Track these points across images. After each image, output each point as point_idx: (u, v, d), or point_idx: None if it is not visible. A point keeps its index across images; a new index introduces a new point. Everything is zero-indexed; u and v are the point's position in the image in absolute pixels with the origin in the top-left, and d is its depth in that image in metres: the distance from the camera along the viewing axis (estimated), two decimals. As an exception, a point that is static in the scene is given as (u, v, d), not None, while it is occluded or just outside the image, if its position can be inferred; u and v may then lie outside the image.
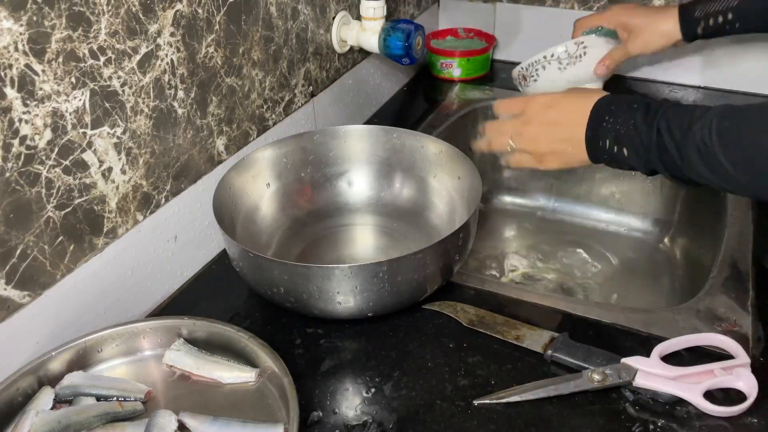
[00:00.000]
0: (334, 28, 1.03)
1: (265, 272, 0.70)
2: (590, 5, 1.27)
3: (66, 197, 0.64)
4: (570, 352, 0.67)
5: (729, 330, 0.71)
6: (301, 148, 0.89)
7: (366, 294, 0.68)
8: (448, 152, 0.86)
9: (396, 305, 0.72)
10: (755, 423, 0.61)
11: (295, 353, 0.70)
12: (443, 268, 0.73)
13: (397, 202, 0.92)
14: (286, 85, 0.95)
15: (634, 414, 0.63)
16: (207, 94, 0.80)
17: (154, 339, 0.68)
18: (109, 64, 0.66)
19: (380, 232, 0.90)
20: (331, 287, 0.67)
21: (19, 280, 0.61)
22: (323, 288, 0.67)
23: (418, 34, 1.02)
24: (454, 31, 1.39)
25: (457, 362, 0.69)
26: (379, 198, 0.92)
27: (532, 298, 0.77)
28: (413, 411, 0.64)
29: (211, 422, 0.60)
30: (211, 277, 0.83)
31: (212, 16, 0.78)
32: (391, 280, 0.68)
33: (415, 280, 0.70)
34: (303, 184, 0.90)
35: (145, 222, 0.74)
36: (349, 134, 0.91)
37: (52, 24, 0.59)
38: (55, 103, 0.61)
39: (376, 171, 0.92)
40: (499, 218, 1.25)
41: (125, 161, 0.70)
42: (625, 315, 0.74)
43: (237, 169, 0.82)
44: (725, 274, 0.79)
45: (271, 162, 0.87)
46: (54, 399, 0.61)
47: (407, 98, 1.29)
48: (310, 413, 0.64)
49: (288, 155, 0.88)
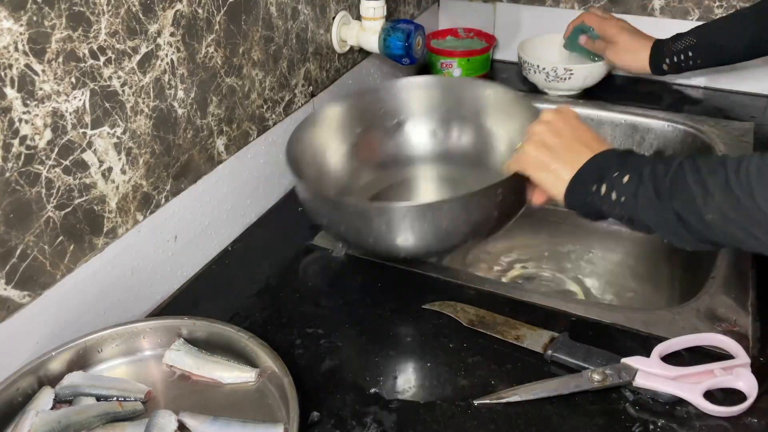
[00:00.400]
0: (334, 28, 1.03)
1: (336, 213, 0.74)
2: (590, 5, 1.27)
3: (66, 197, 0.64)
4: (570, 352, 0.67)
5: (729, 330, 0.71)
6: (363, 102, 0.92)
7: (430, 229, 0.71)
8: (504, 95, 0.88)
9: (452, 243, 0.74)
10: (755, 423, 0.61)
11: (295, 353, 0.70)
12: (500, 211, 0.73)
13: (458, 149, 0.94)
14: (286, 85, 0.95)
15: (634, 414, 0.63)
16: (207, 94, 0.80)
17: (154, 339, 0.68)
18: (109, 64, 0.66)
19: (443, 180, 0.94)
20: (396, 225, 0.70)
21: (19, 280, 0.61)
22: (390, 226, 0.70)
23: (418, 34, 1.02)
24: (454, 31, 1.39)
25: (457, 362, 0.69)
26: (440, 146, 0.95)
27: (533, 298, 0.77)
28: (413, 411, 0.64)
29: (211, 422, 0.60)
30: (211, 277, 0.83)
31: (212, 16, 0.78)
32: (449, 218, 0.70)
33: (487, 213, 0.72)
34: (367, 137, 0.93)
35: (145, 222, 0.74)
36: (409, 86, 0.93)
37: (52, 24, 0.59)
38: (55, 103, 0.61)
39: (436, 120, 0.95)
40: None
41: (125, 161, 0.70)
42: (625, 315, 0.74)
43: (305, 125, 0.85)
44: (725, 274, 0.79)
45: (336, 118, 0.90)
46: (54, 399, 0.61)
47: (407, 98, 1.29)
48: (310, 413, 0.64)
49: (351, 110, 0.91)
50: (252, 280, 0.81)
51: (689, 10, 1.20)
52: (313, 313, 0.75)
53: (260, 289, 0.80)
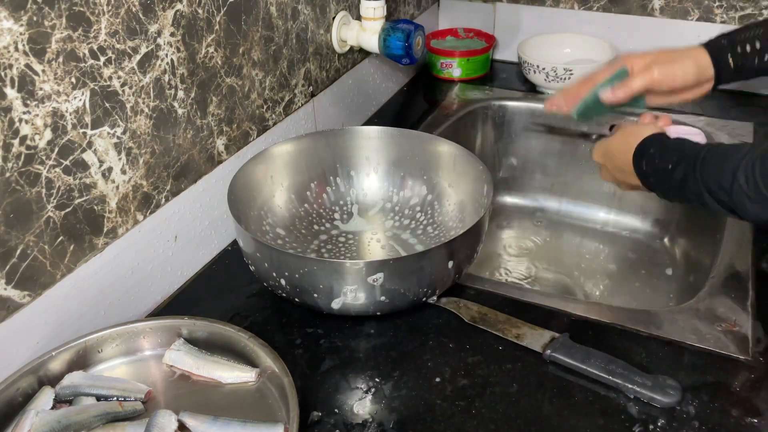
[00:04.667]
0: (334, 28, 1.03)
1: (276, 264, 0.70)
2: (590, 5, 1.27)
3: (66, 197, 0.64)
4: (569, 352, 0.67)
5: (729, 330, 0.71)
6: (315, 146, 0.89)
7: (372, 292, 0.68)
8: (460, 154, 0.86)
9: (403, 304, 0.72)
10: (755, 423, 0.61)
11: (295, 353, 0.70)
12: (453, 269, 0.73)
13: (408, 203, 0.92)
14: (286, 85, 0.95)
15: (634, 414, 0.63)
16: (207, 94, 0.80)
17: (154, 339, 0.68)
18: (109, 64, 0.66)
19: (390, 234, 0.90)
20: (340, 283, 0.68)
21: (19, 280, 0.61)
22: (331, 284, 0.68)
23: (418, 34, 1.02)
24: (454, 31, 1.39)
25: (457, 362, 0.69)
26: (390, 197, 0.92)
27: (534, 298, 0.77)
28: (413, 411, 0.64)
29: (211, 422, 0.60)
30: (211, 277, 0.83)
31: (212, 16, 0.78)
32: (399, 279, 0.68)
33: (422, 279, 0.70)
34: (316, 181, 0.91)
35: (145, 222, 0.74)
36: (360, 134, 0.91)
37: (52, 24, 0.59)
38: (55, 103, 0.61)
39: (388, 172, 0.93)
40: (499, 218, 1.25)
41: (125, 161, 0.70)
42: (625, 315, 0.74)
43: (253, 163, 0.83)
44: (725, 274, 0.79)
45: (286, 158, 0.88)
46: (54, 399, 0.61)
47: (407, 98, 1.29)
48: (310, 413, 0.64)
49: (302, 153, 0.89)
50: (252, 280, 0.81)
51: (689, 10, 1.20)
52: (313, 313, 0.75)
53: (260, 289, 0.80)
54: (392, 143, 0.91)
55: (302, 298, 0.71)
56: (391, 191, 0.92)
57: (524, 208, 1.27)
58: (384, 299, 0.70)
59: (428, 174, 0.90)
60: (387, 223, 0.90)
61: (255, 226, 0.82)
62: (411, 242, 0.87)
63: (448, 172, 0.88)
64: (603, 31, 1.26)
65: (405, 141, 0.90)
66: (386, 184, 0.92)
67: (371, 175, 0.92)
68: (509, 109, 1.23)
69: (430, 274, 0.71)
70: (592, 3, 1.27)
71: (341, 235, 0.89)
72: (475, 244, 0.75)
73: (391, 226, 0.90)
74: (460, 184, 0.87)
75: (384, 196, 0.92)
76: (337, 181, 0.92)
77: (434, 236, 0.87)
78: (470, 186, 0.85)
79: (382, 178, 0.92)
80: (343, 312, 0.71)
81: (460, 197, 0.87)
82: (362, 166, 0.92)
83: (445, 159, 0.88)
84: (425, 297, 0.73)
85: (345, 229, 0.90)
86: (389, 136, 0.91)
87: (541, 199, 1.26)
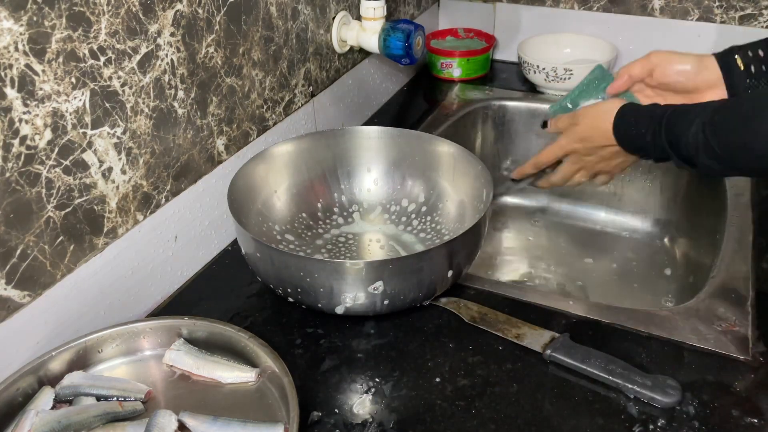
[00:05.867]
0: (334, 28, 1.03)
1: (277, 265, 0.70)
2: (590, 5, 1.27)
3: (66, 197, 0.64)
4: (569, 353, 0.67)
5: (729, 330, 0.71)
6: (315, 146, 0.89)
7: (373, 297, 0.68)
8: (460, 154, 0.86)
9: (402, 305, 0.72)
10: (755, 423, 0.61)
11: (295, 353, 0.70)
12: (453, 269, 0.73)
13: (408, 203, 0.91)
14: (286, 85, 0.95)
15: (634, 414, 0.63)
16: (207, 94, 0.80)
17: (154, 339, 0.68)
18: (110, 64, 0.66)
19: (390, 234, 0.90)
20: (340, 283, 0.67)
21: (19, 280, 0.61)
22: (331, 285, 0.68)
23: (418, 34, 1.02)
24: (454, 31, 1.39)
25: (457, 362, 0.69)
26: (390, 198, 0.92)
27: (534, 298, 0.77)
28: (413, 411, 0.64)
29: (211, 422, 0.60)
30: (211, 277, 0.83)
31: (212, 16, 0.78)
32: (399, 279, 0.68)
33: (422, 280, 0.70)
34: (316, 181, 0.90)
35: (145, 222, 0.74)
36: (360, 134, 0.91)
37: (52, 24, 0.59)
38: (55, 103, 0.61)
39: (387, 172, 0.92)
40: (499, 218, 1.25)
41: (125, 161, 0.70)
42: (625, 315, 0.74)
43: (253, 163, 0.83)
44: (725, 275, 0.79)
45: (286, 158, 0.87)
46: (54, 399, 0.61)
47: (407, 98, 1.29)
48: (310, 413, 0.64)
49: (302, 153, 0.88)
50: (252, 280, 0.81)
51: (689, 10, 1.20)
52: (313, 313, 0.75)
53: (260, 289, 0.80)
54: (392, 143, 0.91)
55: (302, 298, 0.71)
56: (391, 191, 0.92)
57: (524, 208, 1.27)
58: (385, 302, 0.70)
59: (428, 174, 0.90)
60: (387, 223, 0.90)
61: (255, 226, 0.82)
62: (411, 242, 0.87)
63: (448, 172, 0.88)
64: (603, 31, 1.26)
65: (405, 141, 0.90)
66: (386, 184, 0.92)
67: (371, 175, 0.92)
68: (509, 110, 1.23)
69: (430, 275, 0.70)
70: (592, 3, 1.27)
71: (341, 235, 0.89)
72: (475, 245, 0.75)
73: (391, 227, 0.90)
74: (460, 184, 0.87)
75: (384, 196, 0.92)
76: (337, 181, 0.92)
77: (434, 236, 0.87)
78: (470, 186, 0.85)
79: (382, 178, 0.92)
80: (344, 313, 0.71)
81: (460, 197, 0.87)
82: (362, 167, 0.92)
83: (445, 159, 0.88)
84: (425, 297, 0.73)
85: (345, 230, 0.90)
86: (389, 137, 0.91)
87: (541, 199, 1.26)
